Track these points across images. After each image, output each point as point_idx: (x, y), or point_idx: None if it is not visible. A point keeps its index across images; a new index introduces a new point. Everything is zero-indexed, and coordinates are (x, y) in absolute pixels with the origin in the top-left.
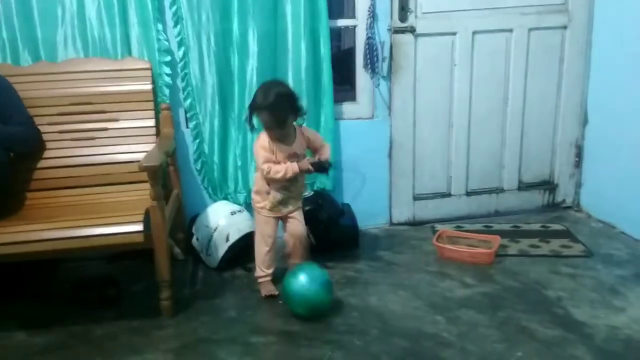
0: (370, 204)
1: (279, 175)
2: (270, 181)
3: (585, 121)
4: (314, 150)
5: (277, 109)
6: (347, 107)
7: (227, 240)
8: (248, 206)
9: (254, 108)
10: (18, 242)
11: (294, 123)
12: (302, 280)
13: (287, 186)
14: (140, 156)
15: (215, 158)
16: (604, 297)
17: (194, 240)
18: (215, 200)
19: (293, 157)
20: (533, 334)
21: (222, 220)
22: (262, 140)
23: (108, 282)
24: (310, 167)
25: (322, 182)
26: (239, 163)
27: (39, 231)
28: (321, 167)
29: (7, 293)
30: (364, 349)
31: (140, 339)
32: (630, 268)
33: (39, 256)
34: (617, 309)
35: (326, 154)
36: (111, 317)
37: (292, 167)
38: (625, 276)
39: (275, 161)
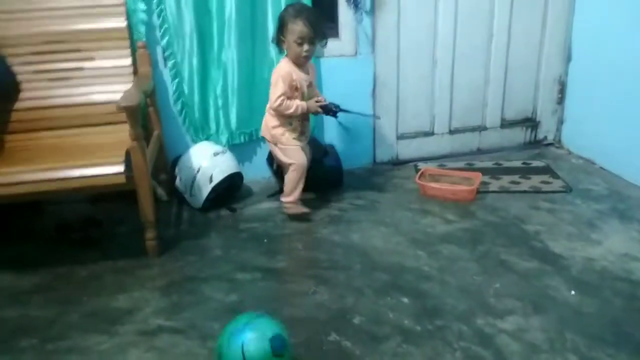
0: (353, 143)
1: (289, 111)
2: (278, 114)
3: (569, 58)
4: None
5: (314, 17)
6: (329, 44)
7: (211, 181)
8: (231, 147)
9: (284, 21)
10: (2, 183)
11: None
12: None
13: (301, 121)
14: (117, 96)
15: (196, 98)
16: (581, 231)
17: (177, 181)
18: (197, 142)
19: (310, 86)
20: (511, 267)
21: (205, 161)
22: (283, 69)
23: (92, 224)
24: (319, 109)
25: None
26: (220, 103)
27: (20, 173)
28: (330, 110)
29: None
30: (347, 283)
31: (126, 279)
32: (608, 202)
33: (21, 199)
34: (593, 242)
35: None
36: (96, 258)
37: (301, 106)
38: (602, 210)
39: (289, 96)
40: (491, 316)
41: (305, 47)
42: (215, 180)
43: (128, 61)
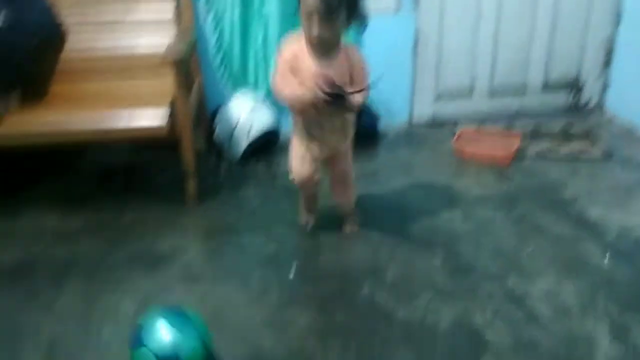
0: (391, 103)
1: (283, 94)
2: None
3: (618, 20)
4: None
5: None
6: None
7: (249, 134)
8: (269, 100)
9: None
10: (44, 131)
11: (342, 33)
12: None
13: (320, 125)
14: (161, 47)
15: (236, 50)
16: (619, 199)
17: (216, 133)
18: (236, 94)
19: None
20: (546, 231)
21: (244, 114)
22: (286, 48)
23: (134, 170)
24: (322, 98)
25: None
26: (260, 55)
27: (65, 122)
28: (338, 98)
29: (38, 177)
30: (381, 239)
31: (167, 224)
32: None
33: (65, 145)
34: (631, 211)
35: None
36: (139, 202)
37: (296, 95)
38: None
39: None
40: (523, 278)
41: (314, 27)
42: (254, 133)
43: (171, 12)
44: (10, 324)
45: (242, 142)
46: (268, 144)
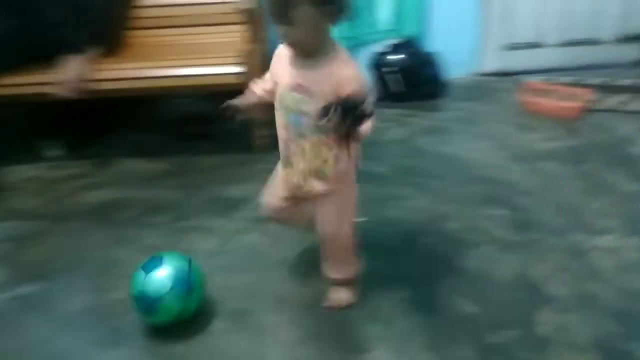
0: (458, 53)
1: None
2: None
3: None
4: None
5: None
6: None
7: None
8: None
9: None
10: (127, 78)
11: (321, 36)
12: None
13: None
14: None
15: None
16: None
17: None
18: None
19: (297, 90)
20: (612, 188)
21: None
22: (278, 50)
23: (206, 119)
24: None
25: (408, 28)
26: None
27: (142, 69)
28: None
29: (120, 123)
30: (444, 191)
31: (238, 171)
32: None
33: (142, 93)
34: None
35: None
36: (212, 150)
37: (249, 94)
38: None
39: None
40: (587, 233)
41: (279, 29)
42: None
43: None
44: (101, 259)
45: None
46: None
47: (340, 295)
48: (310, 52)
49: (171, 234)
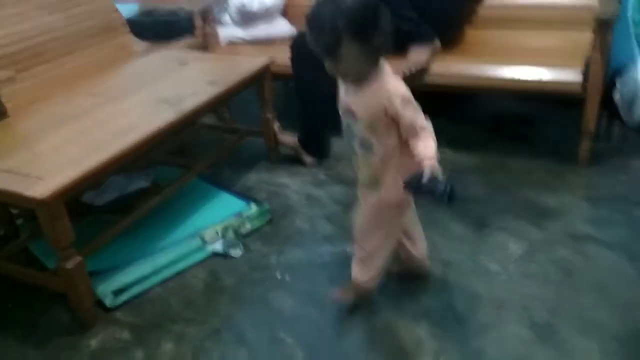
0: None
1: None
2: None
3: None
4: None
5: (320, 20)
6: None
7: None
8: None
9: None
10: (462, 75)
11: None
12: None
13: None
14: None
15: None
16: None
17: (615, 94)
18: None
19: (347, 115)
20: None
21: None
22: None
23: (523, 121)
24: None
25: None
26: None
27: (480, 67)
28: (415, 188)
29: (438, 112)
30: None
31: (554, 180)
32: None
33: (477, 91)
34: None
35: (424, 154)
36: (526, 153)
37: None
38: None
39: None
40: None
41: (327, 63)
42: None
43: None
44: None
45: None
46: None
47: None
48: (359, 80)
49: (479, 229)
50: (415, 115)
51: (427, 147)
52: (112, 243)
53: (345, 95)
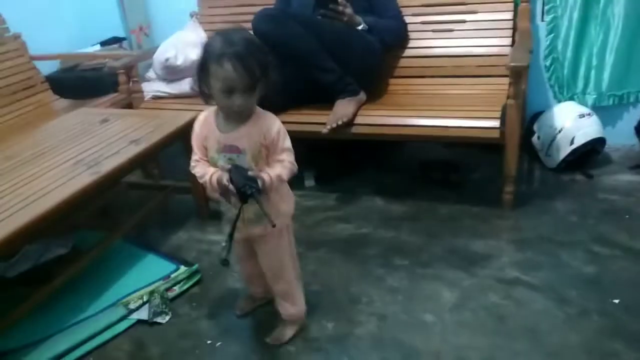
0: None
1: (201, 181)
2: None
3: None
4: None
5: (248, 56)
6: None
7: (572, 143)
8: (596, 109)
9: (206, 63)
10: (385, 125)
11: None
12: None
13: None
14: (495, 49)
15: (568, 55)
16: None
17: (534, 138)
18: (560, 100)
19: (228, 150)
20: None
21: (569, 122)
22: (196, 124)
23: (451, 167)
24: (226, 184)
25: None
26: (594, 62)
27: (404, 117)
28: (240, 191)
29: (365, 161)
30: None
31: (481, 225)
32: None
33: (398, 139)
34: None
35: (270, 174)
36: (453, 199)
37: (209, 176)
38: None
39: (204, 157)
40: None
41: (237, 100)
42: (577, 143)
43: (509, 15)
44: (347, 292)
45: (563, 150)
46: (589, 155)
47: (284, 333)
48: (248, 113)
49: (412, 278)
50: (287, 145)
51: (277, 169)
52: (26, 318)
53: (223, 134)
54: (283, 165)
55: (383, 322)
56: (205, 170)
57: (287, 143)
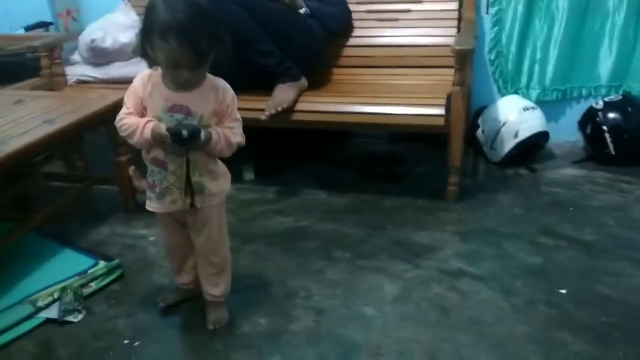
0: None
1: (126, 133)
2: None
3: None
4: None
5: (195, 30)
6: None
7: (516, 136)
8: (540, 104)
9: (149, 32)
10: (328, 111)
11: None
12: None
13: (160, 168)
14: (440, 40)
15: (512, 48)
16: None
17: (478, 132)
18: (504, 94)
19: (177, 110)
20: None
21: (513, 115)
22: (138, 78)
23: (395, 160)
24: (163, 132)
25: (630, 85)
26: (538, 56)
27: (344, 105)
28: (175, 133)
29: (308, 156)
30: None
31: (426, 217)
32: None
33: (342, 127)
34: None
35: (217, 130)
36: (398, 192)
37: (143, 126)
38: None
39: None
40: None
41: (182, 75)
42: (521, 137)
43: (454, 6)
44: (284, 286)
45: (507, 144)
46: (533, 149)
47: (218, 315)
48: (197, 82)
49: (353, 271)
50: (238, 117)
51: (226, 131)
52: None
53: (172, 92)
54: (233, 132)
55: (321, 316)
56: (137, 120)
57: (238, 115)
